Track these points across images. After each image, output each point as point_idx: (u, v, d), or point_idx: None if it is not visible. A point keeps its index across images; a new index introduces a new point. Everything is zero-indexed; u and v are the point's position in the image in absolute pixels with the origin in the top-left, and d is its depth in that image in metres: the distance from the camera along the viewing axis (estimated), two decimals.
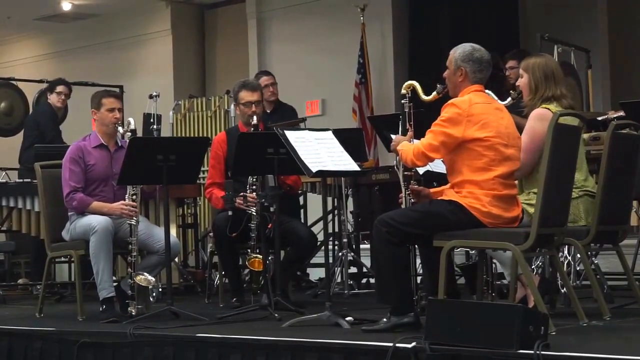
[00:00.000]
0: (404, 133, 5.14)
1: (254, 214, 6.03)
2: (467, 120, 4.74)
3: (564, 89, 5.28)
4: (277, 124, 7.20)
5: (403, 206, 5.14)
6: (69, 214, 6.14)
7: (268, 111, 8.47)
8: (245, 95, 6.48)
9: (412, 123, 5.15)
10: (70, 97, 8.97)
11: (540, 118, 5.11)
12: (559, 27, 9.47)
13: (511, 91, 5.47)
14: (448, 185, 4.96)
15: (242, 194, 6.07)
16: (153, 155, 5.81)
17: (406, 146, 4.95)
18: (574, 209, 5.10)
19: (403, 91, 5.20)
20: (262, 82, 8.42)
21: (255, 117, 6.32)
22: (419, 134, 5.09)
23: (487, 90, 5.20)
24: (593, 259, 6.48)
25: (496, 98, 5.21)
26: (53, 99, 8.79)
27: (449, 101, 4.86)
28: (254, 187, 6.09)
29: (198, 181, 7.41)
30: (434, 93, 5.08)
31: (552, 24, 9.73)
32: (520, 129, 5.06)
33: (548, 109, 5.15)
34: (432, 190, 5.13)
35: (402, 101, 5.19)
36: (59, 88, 8.79)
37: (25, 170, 8.42)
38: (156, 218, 7.12)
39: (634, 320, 5.09)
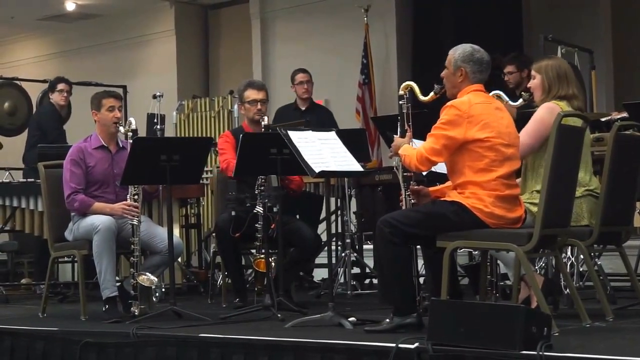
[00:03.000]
0: (403, 134, 5.13)
1: (260, 213, 6.03)
2: (467, 122, 4.73)
3: (576, 90, 5.31)
4: (280, 124, 7.21)
5: (403, 207, 5.14)
6: (72, 214, 6.14)
7: (302, 108, 8.54)
8: (251, 94, 6.50)
9: (410, 124, 5.13)
10: (72, 94, 8.97)
11: (550, 111, 5.13)
12: (562, 28, 9.46)
13: (522, 92, 5.47)
14: (448, 184, 4.96)
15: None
16: (156, 156, 5.81)
17: (408, 151, 4.93)
18: (576, 208, 5.10)
19: (401, 92, 5.18)
20: (298, 79, 8.58)
21: (266, 118, 6.33)
22: (421, 135, 5.08)
23: (498, 91, 5.20)
24: (596, 260, 6.47)
25: (507, 99, 5.21)
26: (55, 97, 8.80)
27: (448, 103, 4.84)
28: (262, 187, 6.09)
29: (201, 181, 7.41)
30: (432, 93, 5.06)
31: (555, 24, 9.72)
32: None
33: (558, 104, 5.18)
34: (431, 189, 5.12)
35: (400, 102, 5.17)
36: (60, 86, 8.80)
37: (30, 170, 8.44)
38: (159, 218, 7.12)
39: (637, 322, 5.08)
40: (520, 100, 5.44)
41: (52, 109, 8.86)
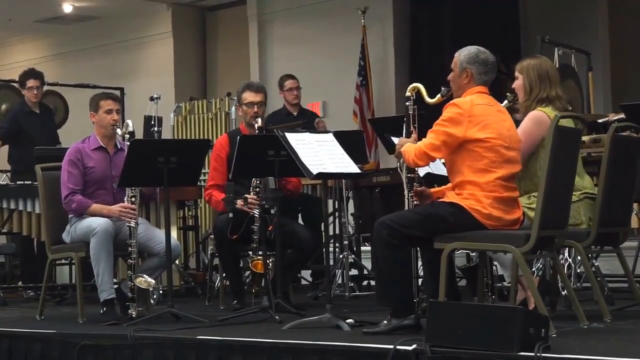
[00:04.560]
0: (408, 135, 5.14)
1: (257, 215, 6.03)
2: (468, 121, 4.74)
3: (559, 90, 5.29)
4: (277, 125, 7.21)
5: (406, 208, 5.14)
6: (69, 216, 6.14)
7: (294, 114, 8.58)
8: (249, 96, 6.49)
9: (416, 125, 5.14)
10: (45, 84, 8.80)
11: (537, 121, 5.12)
12: (559, 30, 9.47)
13: (507, 94, 5.47)
14: (449, 185, 4.97)
15: (244, 195, 6.08)
16: (154, 158, 5.81)
17: (408, 147, 4.95)
18: (574, 212, 5.10)
19: (408, 93, 5.18)
20: (287, 85, 8.65)
21: (259, 120, 6.33)
22: (420, 137, 5.09)
23: None
24: (594, 261, 6.47)
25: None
26: (26, 94, 8.60)
27: (451, 101, 4.87)
28: (257, 189, 6.09)
29: (199, 183, 7.41)
30: (438, 96, 5.07)
31: (552, 26, 9.74)
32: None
33: (544, 112, 5.16)
34: (433, 190, 5.13)
35: (407, 103, 5.18)
36: (30, 82, 8.56)
37: (14, 173, 8.45)
38: (157, 220, 7.12)
39: (634, 322, 5.09)
40: (506, 101, 5.44)
41: (19, 108, 8.70)
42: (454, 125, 4.76)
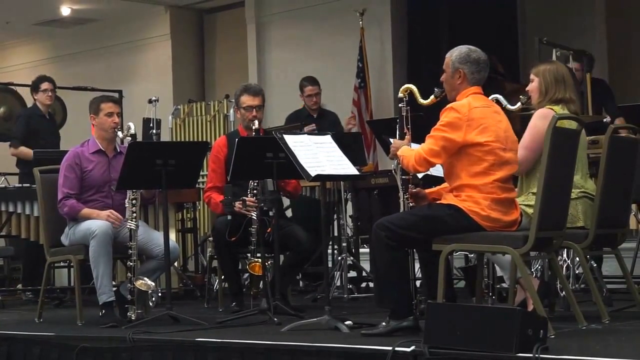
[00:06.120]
0: (402, 137, 5.13)
1: (254, 217, 6.03)
2: (467, 125, 4.74)
3: (573, 94, 5.32)
4: (276, 127, 7.22)
5: (401, 209, 5.14)
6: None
7: (314, 115, 8.61)
8: (247, 100, 6.49)
9: (409, 127, 5.14)
10: (56, 92, 8.88)
11: (543, 117, 5.14)
12: (557, 31, 9.47)
13: (521, 96, 5.48)
14: (445, 185, 4.97)
15: (241, 198, 6.09)
16: (152, 160, 5.81)
17: (407, 152, 4.94)
18: (572, 210, 5.10)
19: (400, 95, 5.18)
20: (307, 92, 8.70)
21: (256, 122, 6.32)
22: (417, 138, 5.08)
23: (496, 95, 5.21)
24: (592, 262, 6.47)
25: (506, 102, 5.22)
26: (40, 97, 8.64)
27: (448, 105, 4.86)
28: (255, 191, 6.10)
29: (197, 185, 7.42)
30: (432, 97, 5.07)
31: (550, 28, 9.74)
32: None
33: (552, 109, 5.18)
34: (428, 190, 5.12)
35: (400, 105, 5.17)
36: (44, 85, 8.65)
37: (22, 175, 8.44)
38: (155, 223, 7.12)
39: (632, 324, 5.09)
40: (519, 103, 5.45)
41: (29, 112, 8.73)
42: (453, 130, 4.75)
